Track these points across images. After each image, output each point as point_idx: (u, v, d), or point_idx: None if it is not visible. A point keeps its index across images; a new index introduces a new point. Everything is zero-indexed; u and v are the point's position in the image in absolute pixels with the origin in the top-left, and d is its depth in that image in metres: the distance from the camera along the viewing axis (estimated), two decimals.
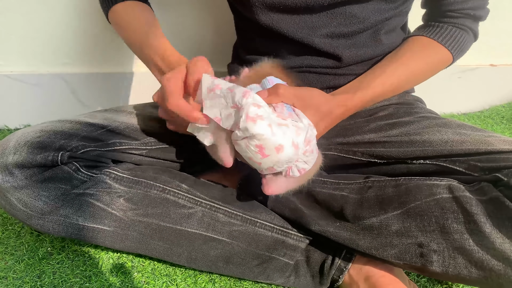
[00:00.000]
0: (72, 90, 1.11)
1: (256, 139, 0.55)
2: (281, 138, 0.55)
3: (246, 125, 0.54)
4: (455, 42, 0.74)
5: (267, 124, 0.54)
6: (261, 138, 0.54)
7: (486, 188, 0.59)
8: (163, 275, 0.73)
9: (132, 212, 0.68)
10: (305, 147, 0.59)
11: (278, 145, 0.55)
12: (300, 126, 0.58)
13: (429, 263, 0.60)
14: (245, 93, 0.55)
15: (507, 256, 0.54)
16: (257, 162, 0.58)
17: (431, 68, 0.76)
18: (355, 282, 0.69)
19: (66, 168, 0.67)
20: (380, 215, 0.64)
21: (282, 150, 0.55)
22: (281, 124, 0.56)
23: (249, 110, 0.54)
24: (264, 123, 0.54)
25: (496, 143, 0.64)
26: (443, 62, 0.77)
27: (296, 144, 0.57)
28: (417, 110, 0.78)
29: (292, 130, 0.57)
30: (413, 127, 0.72)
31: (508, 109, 1.42)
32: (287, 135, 0.56)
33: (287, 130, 0.56)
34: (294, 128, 0.57)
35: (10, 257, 0.74)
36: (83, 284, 0.69)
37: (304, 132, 0.58)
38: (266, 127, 0.54)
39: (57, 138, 0.68)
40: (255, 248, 0.70)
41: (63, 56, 1.07)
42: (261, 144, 0.55)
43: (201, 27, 1.11)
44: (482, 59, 1.37)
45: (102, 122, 0.73)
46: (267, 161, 0.57)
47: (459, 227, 0.57)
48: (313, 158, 0.61)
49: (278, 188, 0.63)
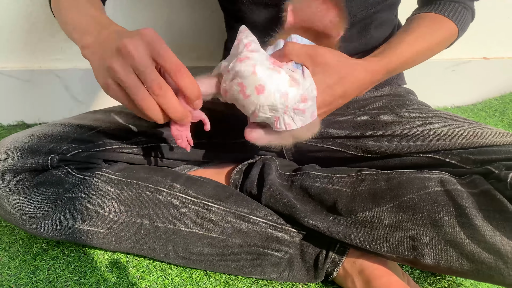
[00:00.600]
0: (66, 86, 1.10)
1: (238, 77, 0.54)
2: (264, 78, 0.53)
3: (233, 64, 0.54)
4: (460, 18, 0.74)
5: (251, 63, 0.54)
6: (242, 75, 0.54)
7: (477, 181, 0.59)
8: (158, 270, 0.73)
9: (125, 214, 0.68)
10: (298, 103, 0.56)
11: (258, 85, 0.53)
12: (296, 78, 0.55)
13: (421, 256, 0.60)
14: (247, 45, 0.55)
15: (498, 249, 0.54)
16: (241, 105, 0.57)
17: (442, 41, 0.75)
18: (349, 275, 0.70)
19: (56, 172, 0.67)
20: (372, 209, 0.64)
21: (262, 91, 0.54)
22: (271, 69, 0.55)
23: (242, 54, 0.54)
24: (250, 62, 0.54)
25: (488, 135, 0.65)
26: (452, 36, 0.76)
27: (285, 93, 0.54)
28: (409, 102, 0.78)
29: (284, 78, 0.55)
30: (405, 119, 0.72)
31: (500, 102, 1.43)
32: (273, 79, 0.54)
33: (275, 75, 0.54)
34: (287, 77, 0.55)
35: (5, 254, 0.74)
36: (78, 280, 0.70)
37: (301, 86, 0.55)
38: (250, 66, 0.53)
39: (47, 142, 0.68)
40: (249, 244, 0.70)
41: (55, 51, 1.07)
42: (242, 81, 0.54)
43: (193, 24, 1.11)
44: (475, 52, 1.38)
45: (92, 123, 0.73)
46: (249, 103, 0.55)
47: (451, 220, 0.58)
48: (304, 119, 0.58)
49: (258, 137, 0.61)
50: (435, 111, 0.75)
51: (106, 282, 0.69)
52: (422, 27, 0.73)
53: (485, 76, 1.43)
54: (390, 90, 0.83)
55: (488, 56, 1.41)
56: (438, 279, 0.75)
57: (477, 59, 1.39)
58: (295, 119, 0.57)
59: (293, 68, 0.56)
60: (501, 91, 1.48)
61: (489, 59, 1.40)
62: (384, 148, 0.71)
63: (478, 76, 1.42)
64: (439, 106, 1.43)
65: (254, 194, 0.76)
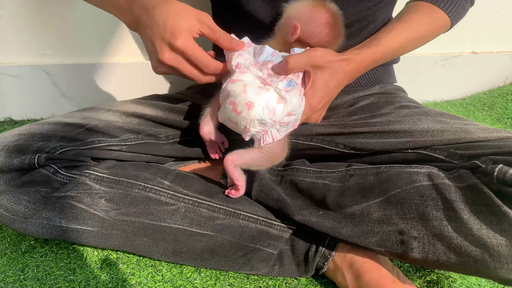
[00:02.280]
0: (54, 81, 1.09)
1: (230, 96, 0.62)
2: (253, 96, 0.61)
3: (226, 85, 0.63)
4: (455, 9, 0.76)
5: (242, 84, 0.62)
6: (233, 94, 0.62)
7: (464, 175, 0.60)
8: (149, 266, 0.73)
9: (114, 212, 0.68)
10: (284, 117, 0.63)
11: (249, 102, 0.61)
12: (283, 96, 0.62)
13: (410, 250, 0.61)
14: (238, 65, 0.64)
15: (484, 242, 0.55)
16: (233, 122, 0.64)
17: (432, 32, 0.77)
18: (339, 269, 0.70)
19: (44, 171, 0.67)
20: (361, 203, 0.65)
21: (252, 107, 0.61)
22: (261, 87, 0.62)
23: (233, 76, 0.63)
24: (240, 83, 0.62)
25: (475, 131, 0.66)
26: (443, 27, 0.78)
27: (272, 109, 0.62)
28: (398, 100, 0.79)
29: (272, 95, 0.62)
30: (394, 116, 0.73)
31: (489, 96, 1.44)
32: (261, 96, 0.61)
33: (264, 93, 0.62)
34: (275, 95, 0.62)
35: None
36: (67, 277, 0.69)
37: (288, 103, 0.62)
38: (240, 86, 0.62)
39: (34, 141, 0.67)
40: (239, 239, 0.70)
41: (43, 47, 1.05)
42: (233, 100, 0.62)
43: None
44: (464, 46, 1.38)
45: (80, 121, 0.73)
46: (241, 119, 0.62)
47: (438, 214, 0.58)
48: (287, 130, 0.67)
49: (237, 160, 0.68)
50: (424, 108, 0.76)
51: (96, 279, 0.69)
52: (414, 17, 0.75)
53: (474, 70, 1.44)
54: (380, 88, 0.84)
55: (477, 51, 1.41)
56: (427, 272, 0.75)
57: (466, 53, 1.39)
58: (280, 130, 0.66)
59: (286, 88, 0.63)
60: (489, 85, 1.49)
61: (478, 54, 1.41)
62: (372, 145, 0.71)
63: (467, 70, 1.43)
64: (428, 100, 1.44)
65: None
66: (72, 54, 1.08)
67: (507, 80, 1.50)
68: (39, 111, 1.11)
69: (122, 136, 0.75)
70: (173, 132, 0.79)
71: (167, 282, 0.70)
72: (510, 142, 0.61)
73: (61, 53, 1.07)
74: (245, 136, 0.66)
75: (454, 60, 1.38)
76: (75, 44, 1.07)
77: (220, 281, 0.71)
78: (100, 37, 1.08)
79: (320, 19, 0.69)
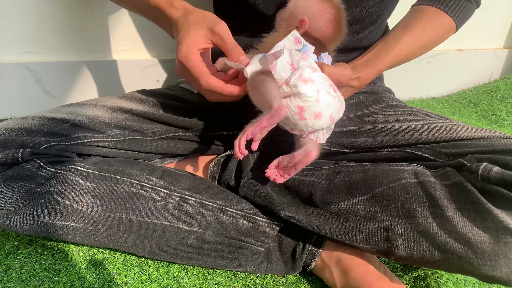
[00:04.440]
0: (37, 79, 1.07)
1: (300, 99, 0.57)
2: (324, 107, 0.57)
3: (296, 82, 0.56)
4: (460, 12, 0.77)
5: (315, 88, 0.57)
6: (305, 99, 0.56)
7: (450, 173, 0.60)
8: (135, 266, 0.72)
9: (100, 208, 0.67)
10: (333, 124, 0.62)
11: (318, 112, 0.57)
12: (342, 102, 0.60)
13: (395, 247, 0.61)
14: (304, 56, 0.59)
15: (468, 239, 0.55)
16: (292, 123, 0.59)
17: (438, 39, 0.79)
18: (327, 266, 0.70)
19: (28, 166, 0.66)
20: (348, 200, 0.65)
21: (320, 118, 0.57)
22: (329, 94, 0.58)
23: (304, 71, 0.57)
24: (314, 86, 0.57)
25: (460, 130, 0.66)
26: (448, 32, 0.79)
27: (333, 118, 0.59)
28: (385, 99, 0.79)
29: (336, 104, 0.59)
30: (381, 115, 0.74)
31: (474, 93, 1.45)
32: (330, 106, 0.58)
33: (332, 101, 0.58)
34: (338, 103, 0.59)
35: None
36: (52, 278, 0.68)
37: (342, 110, 0.61)
38: (314, 91, 0.56)
39: (18, 136, 0.66)
40: (226, 236, 0.70)
41: (26, 44, 1.04)
42: (303, 106, 0.57)
43: None
44: (449, 44, 1.39)
45: (66, 116, 0.72)
46: (302, 124, 0.58)
47: (424, 211, 0.59)
48: (328, 135, 0.64)
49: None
50: (410, 108, 0.76)
51: (82, 280, 0.68)
52: (419, 26, 0.76)
53: (459, 67, 1.45)
54: (368, 88, 0.84)
55: (462, 48, 1.43)
56: (414, 268, 0.76)
57: (451, 50, 1.41)
58: (324, 135, 0.63)
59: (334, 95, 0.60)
60: (475, 82, 1.51)
61: (463, 51, 1.43)
62: (359, 143, 0.71)
63: (453, 67, 1.44)
64: (415, 97, 1.45)
65: (232, 186, 0.76)
66: (56, 52, 1.06)
67: (492, 77, 1.52)
68: (23, 110, 1.09)
69: (108, 132, 0.74)
70: (160, 128, 0.79)
71: (154, 281, 0.70)
72: (495, 141, 0.62)
73: (45, 50, 1.06)
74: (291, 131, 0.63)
75: (440, 58, 1.39)
76: (59, 41, 1.05)
77: (208, 280, 0.71)
78: (85, 35, 1.06)
79: (328, 15, 0.69)
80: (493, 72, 1.52)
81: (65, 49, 1.07)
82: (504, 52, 1.49)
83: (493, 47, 1.48)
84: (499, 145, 0.60)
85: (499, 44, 1.49)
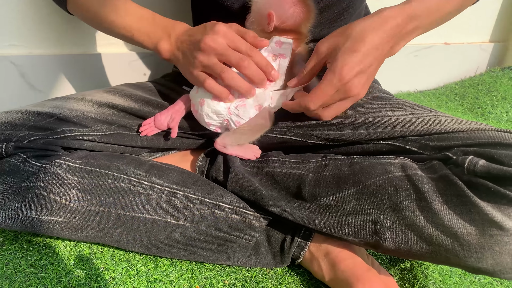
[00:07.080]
0: (22, 73, 1.05)
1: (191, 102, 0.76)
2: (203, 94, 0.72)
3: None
4: None
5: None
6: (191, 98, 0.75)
7: (436, 166, 0.61)
8: (123, 261, 0.72)
9: (86, 203, 0.67)
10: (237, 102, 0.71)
11: (200, 99, 0.72)
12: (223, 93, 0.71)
13: (383, 240, 0.62)
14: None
15: (455, 232, 0.56)
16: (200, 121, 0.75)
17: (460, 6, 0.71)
18: (315, 259, 0.71)
19: (12, 160, 0.65)
20: (336, 194, 0.65)
21: (203, 103, 0.72)
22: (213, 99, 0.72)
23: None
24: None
25: (446, 123, 0.67)
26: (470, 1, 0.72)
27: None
28: (371, 90, 0.79)
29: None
30: (366, 108, 0.74)
31: (461, 86, 1.47)
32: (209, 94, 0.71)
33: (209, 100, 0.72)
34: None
35: None
36: (38, 274, 0.68)
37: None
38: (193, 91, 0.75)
39: (2, 130, 0.65)
40: (215, 230, 0.70)
41: (9, 37, 1.01)
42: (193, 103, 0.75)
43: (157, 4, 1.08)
44: (436, 37, 1.40)
45: (51, 110, 0.71)
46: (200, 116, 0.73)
47: (411, 204, 0.59)
48: (248, 111, 0.71)
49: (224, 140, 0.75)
50: (396, 100, 0.76)
51: (69, 275, 0.68)
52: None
53: (446, 61, 1.46)
54: None
55: (449, 42, 1.44)
56: (401, 260, 0.77)
57: (438, 44, 1.42)
58: (240, 115, 0.71)
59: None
60: (461, 76, 1.52)
61: (449, 45, 1.44)
62: (345, 136, 0.72)
63: (440, 61, 1.45)
64: (402, 91, 1.46)
65: (220, 181, 0.76)
66: (41, 45, 1.04)
67: (478, 70, 1.54)
68: (6, 104, 1.07)
69: (94, 126, 0.73)
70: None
71: (142, 276, 0.69)
72: (480, 133, 0.63)
73: (29, 43, 1.04)
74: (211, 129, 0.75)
75: (427, 51, 1.40)
76: (44, 34, 1.03)
77: (196, 274, 0.71)
78: (70, 27, 1.04)
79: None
80: (479, 65, 1.53)
81: (51, 42, 1.05)
82: (490, 46, 1.51)
83: (479, 41, 1.50)
84: (484, 138, 0.61)
85: (485, 38, 1.51)
